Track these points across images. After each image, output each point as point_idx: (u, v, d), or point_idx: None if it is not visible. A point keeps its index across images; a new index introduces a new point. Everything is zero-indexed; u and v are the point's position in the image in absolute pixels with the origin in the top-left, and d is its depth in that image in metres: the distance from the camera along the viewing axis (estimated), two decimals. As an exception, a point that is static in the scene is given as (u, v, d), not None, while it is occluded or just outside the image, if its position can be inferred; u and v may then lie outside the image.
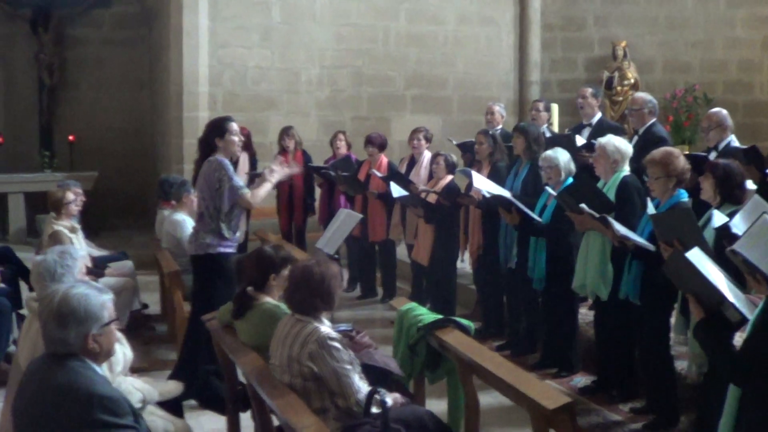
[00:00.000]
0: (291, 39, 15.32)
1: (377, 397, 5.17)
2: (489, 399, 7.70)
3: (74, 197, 10.43)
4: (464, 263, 11.35)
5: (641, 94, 10.20)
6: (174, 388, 6.36)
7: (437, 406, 6.97)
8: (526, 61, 16.42)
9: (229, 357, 6.27)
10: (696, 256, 4.65)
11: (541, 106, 11.31)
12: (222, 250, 8.05)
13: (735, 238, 5.63)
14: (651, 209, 7.17)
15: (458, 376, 6.33)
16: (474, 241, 10.18)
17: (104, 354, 4.34)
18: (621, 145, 7.89)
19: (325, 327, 5.39)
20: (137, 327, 10.54)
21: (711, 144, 9.26)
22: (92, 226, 16.18)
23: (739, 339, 4.68)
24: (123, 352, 5.81)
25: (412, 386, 6.96)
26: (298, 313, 5.46)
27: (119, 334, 6.00)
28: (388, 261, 12.24)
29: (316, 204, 13.09)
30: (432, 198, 10.67)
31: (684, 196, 7.12)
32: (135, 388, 5.63)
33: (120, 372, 5.72)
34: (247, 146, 12.80)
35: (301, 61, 15.41)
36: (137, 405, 5.52)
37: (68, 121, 17.19)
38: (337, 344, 5.29)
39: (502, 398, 7.96)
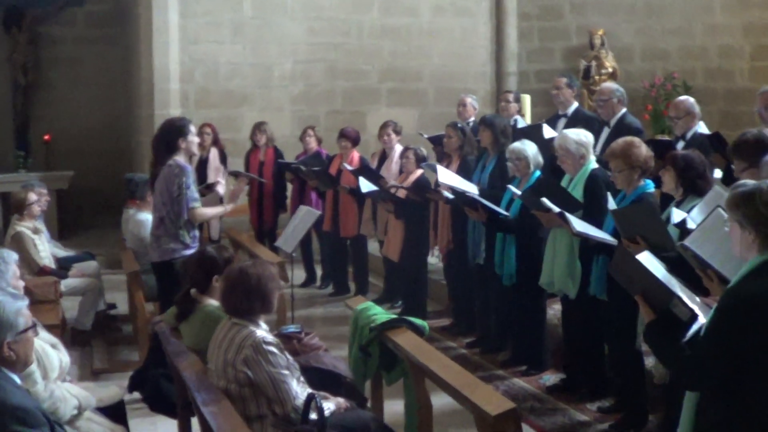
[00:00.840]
0: (263, 34, 15.09)
1: (315, 403, 4.99)
2: (448, 400, 7.54)
3: (37, 198, 10.28)
4: (436, 259, 11.17)
5: (608, 84, 10.05)
6: (115, 393, 6.20)
7: (397, 406, 6.83)
8: (503, 52, 16.14)
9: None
10: (645, 257, 4.47)
11: (510, 96, 11.14)
12: (186, 253, 7.90)
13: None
14: (612, 204, 6.99)
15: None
16: (443, 237, 10.02)
17: (21, 363, 4.24)
18: (581, 137, 7.72)
19: (261, 331, 5.20)
20: (102, 328, 10.44)
21: (679, 133, 9.08)
22: (68, 224, 16.14)
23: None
24: (60, 357, 5.65)
25: (369, 388, 6.82)
26: (235, 316, 5.28)
27: (55, 339, 5.86)
28: (360, 257, 12.10)
29: (288, 201, 12.90)
30: (402, 193, 10.49)
31: (650, 187, 6.94)
32: (71, 395, 5.47)
33: (56, 378, 5.54)
34: (216, 141, 12.70)
35: (273, 56, 15.18)
36: (72, 412, 5.40)
37: (43, 120, 16.98)
38: (273, 348, 5.11)
39: (452, 400, 7.90)
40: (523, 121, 10.44)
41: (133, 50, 15.67)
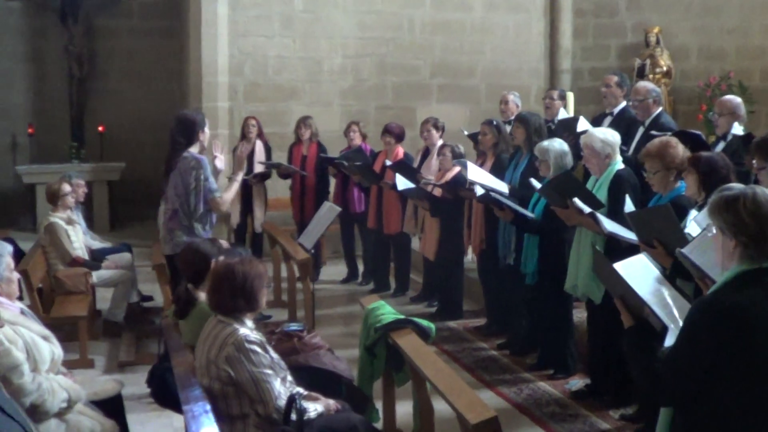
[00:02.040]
0: (313, 28, 15.02)
1: (295, 404, 4.87)
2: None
3: (71, 189, 10.30)
4: (471, 258, 11.00)
5: (643, 83, 9.72)
6: (111, 387, 6.13)
7: (410, 407, 6.69)
8: (557, 49, 15.90)
9: (178, 356, 6.03)
10: (627, 264, 4.29)
11: (555, 94, 10.92)
12: (221, 243, 7.81)
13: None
14: (629, 206, 6.77)
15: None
16: (476, 236, 9.84)
17: None
18: (607, 136, 7.49)
19: (245, 329, 5.08)
20: (135, 320, 10.42)
21: (720, 132, 8.78)
22: (120, 216, 16.23)
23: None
24: (51, 350, 5.58)
25: (381, 388, 6.68)
26: (220, 313, 5.17)
27: (47, 332, 5.79)
28: (402, 254, 11.97)
29: (330, 195, 12.80)
30: (438, 191, 10.34)
31: (684, 189, 6.67)
32: (61, 387, 5.39)
33: (47, 370, 5.47)
34: (260, 134, 12.66)
35: (323, 50, 15.10)
36: (61, 405, 5.34)
37: (98, 112, 17.15)
38: (255, 347, 4.99)
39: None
40: (565, 112, 10.19)
41: (185, 43, 15.68)
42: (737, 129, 8.65)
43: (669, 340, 3.86)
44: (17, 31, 17.05)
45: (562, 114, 10.71)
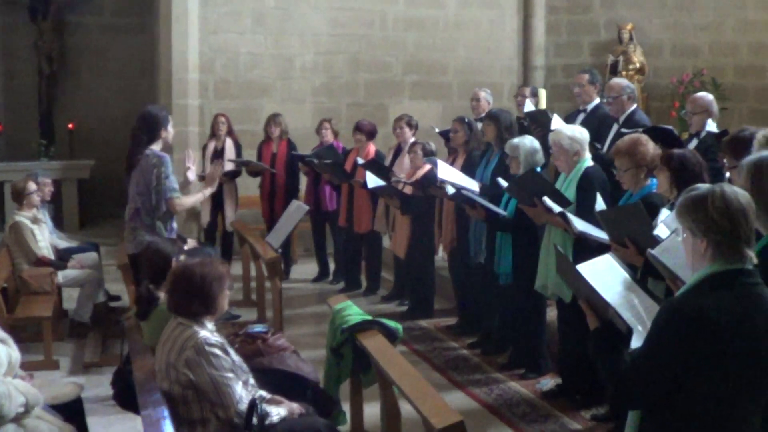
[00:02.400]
0: (285, 24, 14.87)
1: (256, 409, 4.75)
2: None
3: (36, 188, 10.15)
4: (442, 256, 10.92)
5: (617, 80, 9.65)
6: (70, 391, 6.01)
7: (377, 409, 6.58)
8: (530, 46, 15.82)
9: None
10: (591, 265, 4.20)
11: (527, 91, 10.85)
12: (181, 243, 7.72)
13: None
14: (600, 204, 6.68)
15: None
16: (447, 234, 9.76)
17: None
18: (575, 133, 7.42)
19: (205, 332, 4.96)
20: (101, 320, 10.29)
21: (693, 130, 8.70)
22: (90, 214, 16.04)
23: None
24: (9, 353, 5.46)
25: (348, 390, 6.59)
26: (179, 315, 5.05)
27: (4, 335, 5.67)
28: (373, 253, 11.88)
29: (301, 193, 12.69)
30: (408, 189, 10.25)
31: (655, 186, 6.58)
32: (18, 392, 5.26)
33: (4, 374, 5.35)
34: (230, 131, 12.55)
35: (295, 47, 14.96)
36: (19, 409, 5.23)
37: (68, 109, 16.93)
38: (216, 350, 4.87)
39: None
40: (531, 105, 10.11)
41: (156, 39, 15.52)
42: (711, 126, 8.59)
43: (635, 342, 3.77)
44: (-14, 27, 16.86)
45: (528, 102, 10.58)
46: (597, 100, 9.72)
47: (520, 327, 8.38)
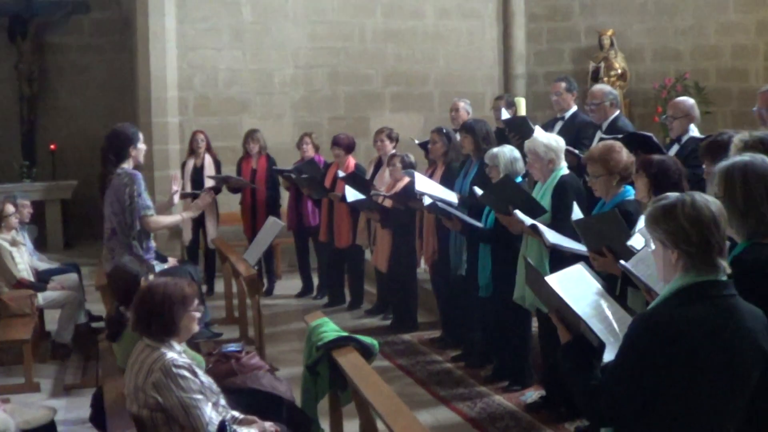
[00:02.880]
0: (263, 39, 14.81)
1: (229, 430, 4.66)
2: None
3: (14, 210, 10.07)
4: (424, 269, 10.82)
5: (599, 86, 9.61)
6: (43, 415, 5.92)
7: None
8: (511, 54, 15.78)
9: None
10: (561, 276, 4.11)
11: (502, 103, 10.75)
12: (149, 262, 7.61)
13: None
14: (577, 213, 6.60)
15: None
16: (428, 247, 9.67)
17: None
18: (551, 141, 7.36)
19: (173, 353, 4.85)
20: (83, 341, 10.19)
21: (674, 135, 8.62)
22: (74, 234, 15.96)
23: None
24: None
25: (327, 408, 6.48)
26: (143, 335, 4.95)
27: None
28: (355, 267, 11.80)
29: (283, 209, 12.63)
30: (388, 202, 10.17)
31: (630, 194, 6.48)
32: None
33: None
34: (209, 148, 12.51)
35: (274, 62, 14.89)
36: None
37: (49, 129, 16.86)
38: (184, 372, 4.77)
39: (427, 418, 7.59)
40: (506, 113, 10.04)
41: (135, 57, 15.45)
42: (694, 131, 8.53)
43: (608, 356, 3.67)
44: (-34, 50, 16.77)
45: (504, 111, 10.50)
46: (574, 108, 9.67)
47: (503, 339, 8.29)
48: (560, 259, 6.72)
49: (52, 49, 16.99)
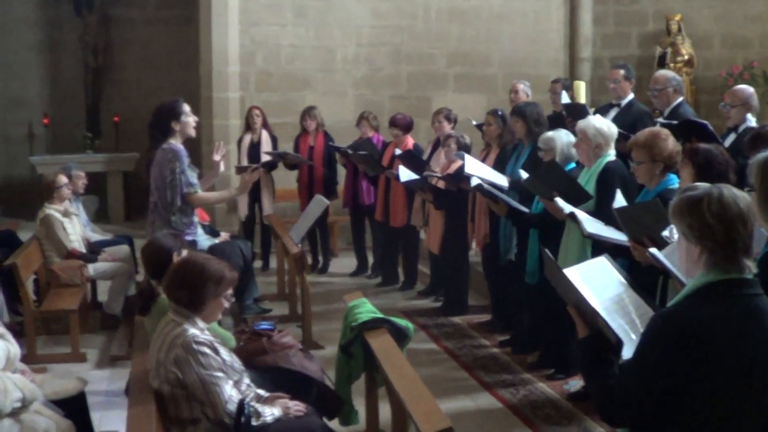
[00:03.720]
0: (326, 16, 14.72)
1: (245, 410, 4.61)
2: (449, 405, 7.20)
3: (67, 181, 10.14)
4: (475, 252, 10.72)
5: (663, 72, 9.42)
6: (73, 386, 5.91)
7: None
8: (577, 37, 15.49)
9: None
10: (581, 269, 3.98)
11: (558, 87, 10.58)
12: (184, 238, 7.57)
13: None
14: (620, 201, 6.44)
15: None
16: (480, 230, 9.57)
17: None
18: (603, 126, 7.20)
19: (195, 329, 4.81)
20: (132, 313, 10.21)
21: (731, 124, 8.44)
22: (136, 206, 16.09)
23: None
24: (7, 348, 5.40)
25: (363, 389, 6.41)
26: (171, 301, 4.92)
27: (3, 330, 5.60)
28: (410, 247, 11.71)
29: (340, 187, 12.58)
30: (442, 183, 10.06)
31: (674, 182, 6.30)
32: (15, 387, 5.19)
33: (2, 369, 5.29)
34: (265, 124, 12.49)
35: (337, 39, 14.80)
36: (15, 404, 5.17)
37: (113, 102, 17.07)
38: (205, 349, 4.73)
39: (468, 403, 7.51)
40: (566, 97, 9.87)
41: (198, 32, 15.49)
42: (751, 121, 8.33)
43: (627, 353, 3.54)
44: (32, 22, 17.00)
45: (564, 94, 10.33)
46: (631, 95, 9.52)
47: (549, 327, 8.15)
48: (601, 247, 6.58)
49: (118, 22, 17.23)
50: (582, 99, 10.92)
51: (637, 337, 3.64)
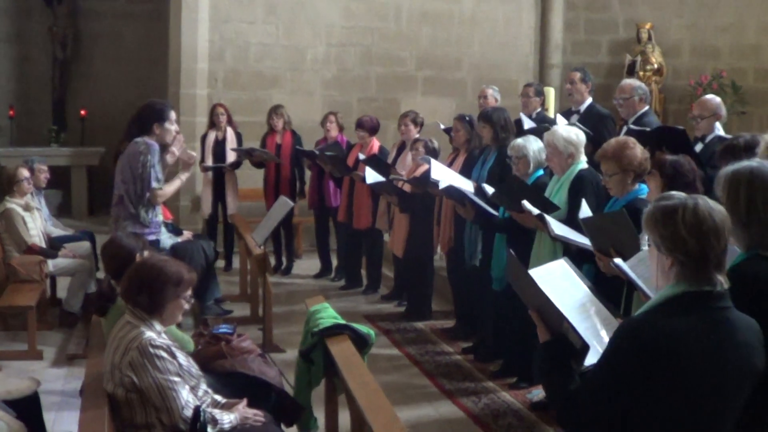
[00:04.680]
0: (297, 15, 14.61)
1: (200, 416, 4.52)
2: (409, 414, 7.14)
3: (28, 175, 9.99)
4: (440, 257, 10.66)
5: (629, 81, 9.37)
6: (26, 386, 5.79)
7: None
8: (547, 43, 15.51)
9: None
10: (544, 270, 3.91)
11: (531, 91, 10.52)
12: (147, 236, 7.45)
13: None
14: (586, 211, 6.38)
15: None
16: (445, 234, 9.51)
17: None
18: (571, 135, 7.12)
19: (151, 332, 4.71)
20: (91, 310, 10.09)
21: (699, 134, 8.43)
22: (99, 201, 15.94)
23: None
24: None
25: (323, 396, 6.32)
26: (130, 307, 4.82)
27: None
28: (373, 250, 11.64)
29: (306, 187, 12.50)
30: (407, 186, 10.00)
31: (643, 192, 6.25)
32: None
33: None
34: (230, 121, 12.42)
35: (306, 38, 14.69)
36: (-34, 404, 5.03)
37: (81, 95, 16.88)
38: (161, 353, 4.63)
39: (430, 411, 7.44)
40: (529, 121, 9.83)
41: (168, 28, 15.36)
42: (719, 130, 8.33)
43: (590, 359, 3.47)
44: (1, 11, 16.73)
45: (525, 118, 10.27)
46: (589, 100, 9.54)
47: (513, 335, 8.09)
48: (573, 255, 6.54)
49: (87, 15, 17.05)
50: (552, 105, 10.90)
51: (599, 343, 3.58)
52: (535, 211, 6.75)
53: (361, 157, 10.88)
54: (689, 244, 3.15)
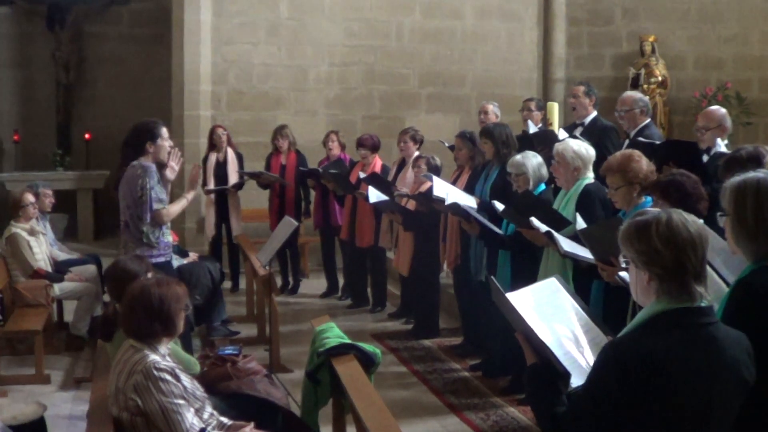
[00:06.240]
0: (299, 35, 14.65)
1: (208, 439, 4.50)
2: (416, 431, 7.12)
3: (33, 199, 10.00)
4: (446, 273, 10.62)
5: (630, 93, 9.37)
6: (32, 411, 5.78)
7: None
8: (551, 58, 15.52)
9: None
10: (531, 291, 3.84)
11: (532, 105, 10.54)
12: (154, 261, 7.42)
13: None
14: (581, 224, 6.34)
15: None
16: (452, 251, 9.47)
17: None
18: (581, 149, 7.08)
19: (156, 355, 4.69)
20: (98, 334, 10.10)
21: (704, 146, 8.35)
22: (105, 224, 15.94)
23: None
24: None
25: (330, 415, 6.29)
26: (134, 338, 4.79)
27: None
28: (378, 268, 11.62)
29: (311, 207, 12.49)
30: (411, 204, 9.98)
31: (649, 204, 6.23)
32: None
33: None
34: (229, 142, 12.44)
35: (309, 58, 14.72)
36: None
37: (85, 119, 16.88)
38: (165, 375, 4.60)
39: (438, 428, 7.40)
40: (535, 128, 9.83)
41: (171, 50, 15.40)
42: (721, 146, 8.26)
43: (577, 381, 3.43)
44: (4, 36, 16.78)
45: (531, 124, 10.27)
46: (594, 113, 9.55)
47: (521, 351, 8.01)
48: (581, 269, 6.51)
49: (90, 39, 17.02)
50: (555, 120, 10.86)
51: (587, 364, 3.53)
52: (543, 228, 6.71)
53: (362, 176, 10.86)
54: (665, 257, 3.13)
